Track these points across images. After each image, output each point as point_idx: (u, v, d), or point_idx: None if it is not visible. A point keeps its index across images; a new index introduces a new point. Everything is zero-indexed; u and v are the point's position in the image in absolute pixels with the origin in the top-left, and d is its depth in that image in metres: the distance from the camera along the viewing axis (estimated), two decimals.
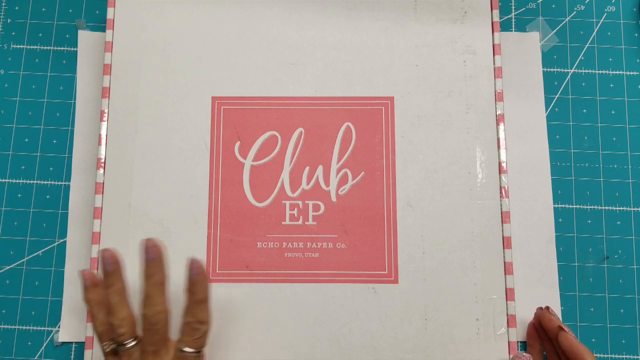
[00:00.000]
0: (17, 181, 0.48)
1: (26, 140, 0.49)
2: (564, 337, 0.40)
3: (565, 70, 0.50)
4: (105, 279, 0.38)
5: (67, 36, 0.50)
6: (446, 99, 0.45)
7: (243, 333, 0.43)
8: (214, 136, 0.45)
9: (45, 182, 0.48)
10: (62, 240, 0.47)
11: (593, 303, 0.47)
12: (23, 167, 0.48)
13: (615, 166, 0.48)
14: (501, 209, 0.44)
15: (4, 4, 0.51)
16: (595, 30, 0.51)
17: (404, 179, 0.44)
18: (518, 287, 0.45)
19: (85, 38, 0.50)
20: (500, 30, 0.47)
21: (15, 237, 0.47)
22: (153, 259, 0.37)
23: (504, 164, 0.44)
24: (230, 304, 0.42)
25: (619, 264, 0.47)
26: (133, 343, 0.38)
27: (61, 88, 0.50)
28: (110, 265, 0.38)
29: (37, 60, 0.50)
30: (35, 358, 0.46)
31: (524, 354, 0.40)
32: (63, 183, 0.48)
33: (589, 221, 0.48)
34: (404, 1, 0.47)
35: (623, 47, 0.50)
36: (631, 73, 0.50)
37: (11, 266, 0.47)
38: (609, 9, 0.51)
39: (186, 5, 0.47)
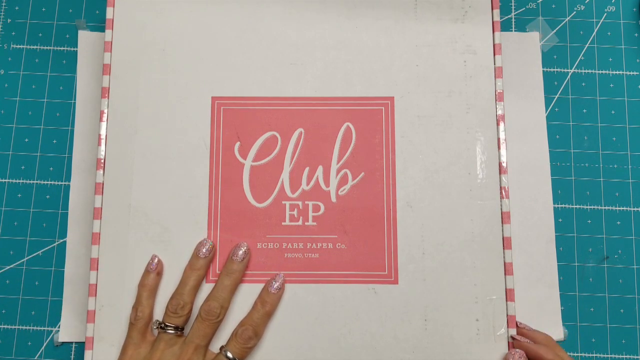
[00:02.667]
0: (17, 181, 0.48)
1: (26, 140, 0.49)
2: (519, 345, 0.41)
3: (565, 70, 0.50)
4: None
5: (67, 36, 0.50)
6: (446, 99, 0.45)
7: None
8: (213, 136, 0.45)
9: (45, 182, 0.48)
10: (62, 240, 0.47)
11: (593, 303, 0.47)
12: (23, 167, 0.48)
13: (615, 166, 0.48)
14: (501, 209, 0.44)
15: (4, 4, 0.51)
16: (595, 30, 0.51)
17: (404, 179, 0.44)
18: (518, 287, 0.45)
19: (85, 38, 0.50)
20: (501, 30, 0.46)
21: (15, 237, 0.47)
22: (240, 257, 0.42)
23: (504, 164, 0.44)
24: (230, 304, 0.42)
25: (619, 264, 0.47)
26: (175, 331, 0.40)
27: (61, 88, 0.50)
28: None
29: (37, 60, 0.50)
30: (35, 358, 0.46)
31: (517, 350, 0.40)
32: (63, 183, 0.48)
33: (589, 221, 0.48)
34: (404, 1, 0.47)
35: (623, 47, 0.50)
36: (631, 73, 0.50)
37: (11, 266, 0.47)
38: (609, 9, 0.51)
39: (186, 5, 0.46)
